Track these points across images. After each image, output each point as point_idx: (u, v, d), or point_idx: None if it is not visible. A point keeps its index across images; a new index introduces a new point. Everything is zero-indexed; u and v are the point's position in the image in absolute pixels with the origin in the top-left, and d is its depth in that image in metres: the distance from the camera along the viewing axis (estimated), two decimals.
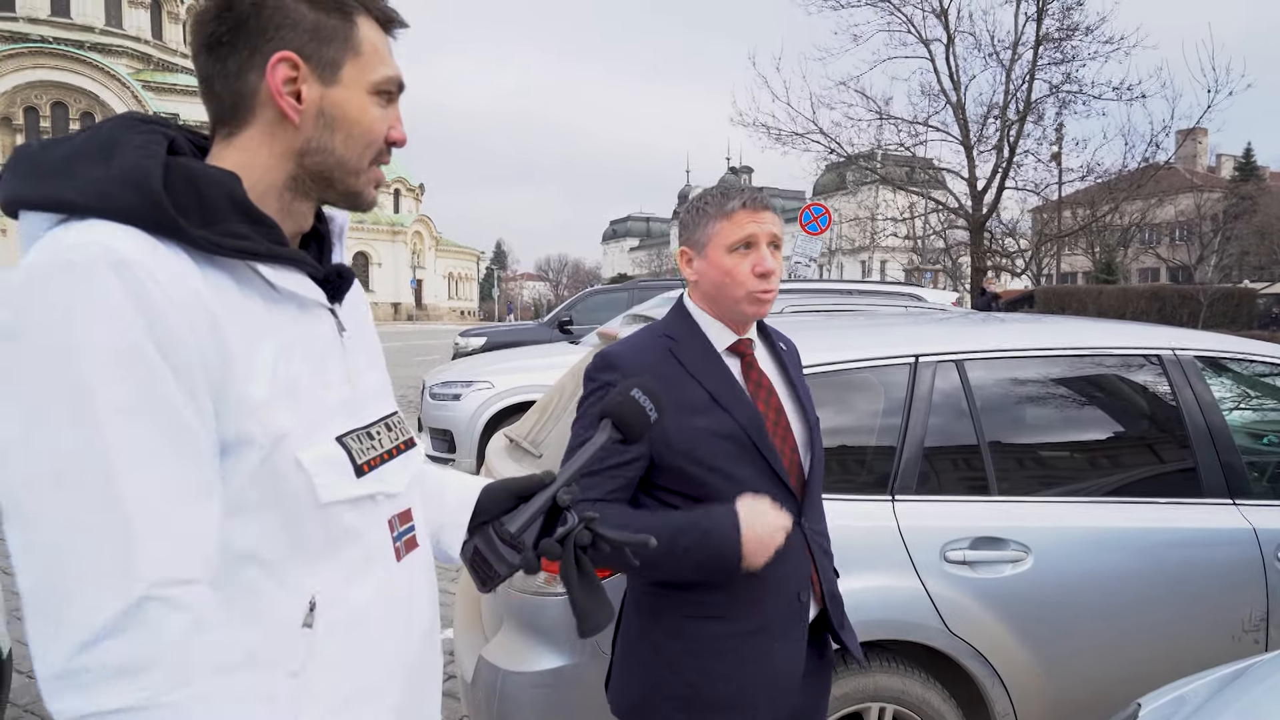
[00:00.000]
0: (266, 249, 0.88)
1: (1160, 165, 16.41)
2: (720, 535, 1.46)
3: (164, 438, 0.78)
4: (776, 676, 1.57)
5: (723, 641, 1.54)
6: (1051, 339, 2.66)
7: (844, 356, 2.41)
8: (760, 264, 1.55)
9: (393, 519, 0.99)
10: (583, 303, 11.16)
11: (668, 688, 1.54)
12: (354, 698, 0.92)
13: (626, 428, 1.09)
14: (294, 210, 0.97)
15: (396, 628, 0.98)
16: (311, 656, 0.89)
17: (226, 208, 0.86)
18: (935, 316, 3.35)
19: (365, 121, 0.96)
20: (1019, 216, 20.49)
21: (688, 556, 1.46)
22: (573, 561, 1.03)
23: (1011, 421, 2.55)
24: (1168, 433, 2.65)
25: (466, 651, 2.36)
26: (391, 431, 1.02)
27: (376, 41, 0.97)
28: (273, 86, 0.91)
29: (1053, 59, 15.73)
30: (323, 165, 0.95)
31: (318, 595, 0.89)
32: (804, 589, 1.60)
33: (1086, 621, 2.32)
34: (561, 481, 1.02)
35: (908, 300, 6.41)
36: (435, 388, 7.10)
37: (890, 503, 2.28)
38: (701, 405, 1.54)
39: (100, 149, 0.84)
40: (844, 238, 25.30)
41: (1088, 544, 2.36)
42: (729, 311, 1.60)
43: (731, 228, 1.56)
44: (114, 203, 0.80)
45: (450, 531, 1.16)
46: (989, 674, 2.25)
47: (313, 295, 0.95)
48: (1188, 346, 2.68)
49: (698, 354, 1.59)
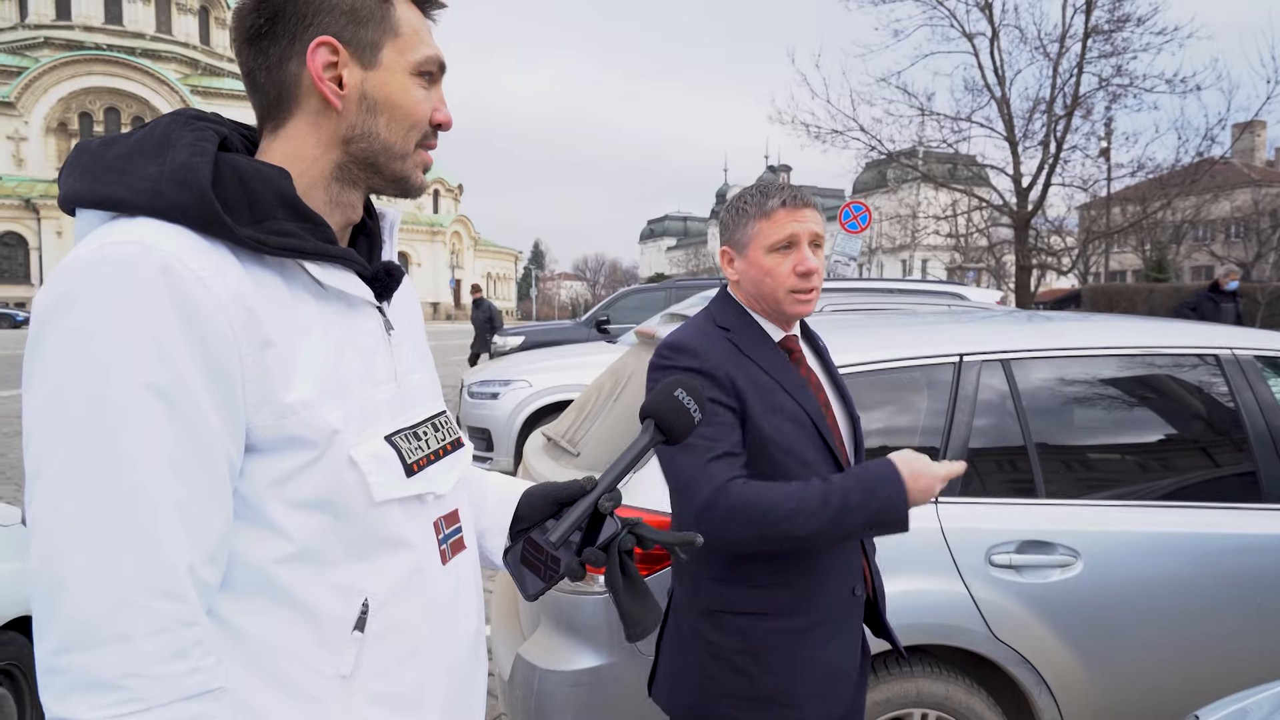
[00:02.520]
0: (314, 247, 0.88)
1: (1215, 160, 15.90)
2: (886, 486, 1.46)
3: (180, 441, 0.77)
4: (834, 672, 1.57)
5: (780, 638, 1.54)
6: (1101, 338, 2.58)
7: (886, 355, 2.37)
8: (802, 263, 1.55)
9: (439, 520, 0.98)
10: (620, 302, 11.17)
11: (726, 686, 1.54)
12: (400, 702, 0.92)
13: (670, 428, 1.07)
14: (342, 200, 0.96)
15: (443, 630, 0.97)
16: (362, 660, 0.88)
17: (275, 204, 0.86)
18: (980, 315, 3.28)
19: (408, 103, 0.94)
20: (1065, 213, 20.05)
21: (858, 512, 1.46)
22: (617, 567, 1.01)
23: (1059, 422, 2.48)
24: (1225, 435, 2.56)
25: (504, 650, 2.37)
26: (439, 431, 1.02)
27: (415, 22, 0.96)
28: (313, 72, 0.90)
29: (1102, 51, 15.32)
30: (368, 151, 0.94)
31: (370, 598, 0.89)
32: (858, 583, 1.61)
33: (1139, 629, 2.24)
34: (603, 487, 1.01)
35: (950, 299, 6.30)
36: (473, 386, 7.16)
37: (934, 504, 2.23)
38: (772, 390, 1.55)
39: (155, 146, 0.84)
40: (884, 236, 24.97)
41: (1141, 549, 2.28)
42: (772, 310, 1.61)
43: (772, 227, 1.56)
44: (164, 201, 0.81)
45: (492, 537, 1.15)
46: (1036, 681, 2.19)
47: (360, 293, 0.94)
48: (1247, 346, 2.59)
49: (757, 344, 1.59)
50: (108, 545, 0.74)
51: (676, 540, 1.04)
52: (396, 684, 0.91)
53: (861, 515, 1.46)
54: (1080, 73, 15.31)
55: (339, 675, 0.87)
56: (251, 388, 0.82)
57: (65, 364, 0.75)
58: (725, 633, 1.56)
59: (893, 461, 1.49)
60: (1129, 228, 19.12)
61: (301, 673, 0.85)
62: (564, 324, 12.06)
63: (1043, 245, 17.47)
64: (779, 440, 1.53)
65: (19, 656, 2.48)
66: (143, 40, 54.65)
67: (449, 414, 1.07)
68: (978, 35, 15.75)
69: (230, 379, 0.80)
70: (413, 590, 0.93)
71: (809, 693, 1.54)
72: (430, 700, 0.95)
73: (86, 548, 0.74)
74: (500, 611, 2.64)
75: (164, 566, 0.76)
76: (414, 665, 0.93)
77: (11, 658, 2.46)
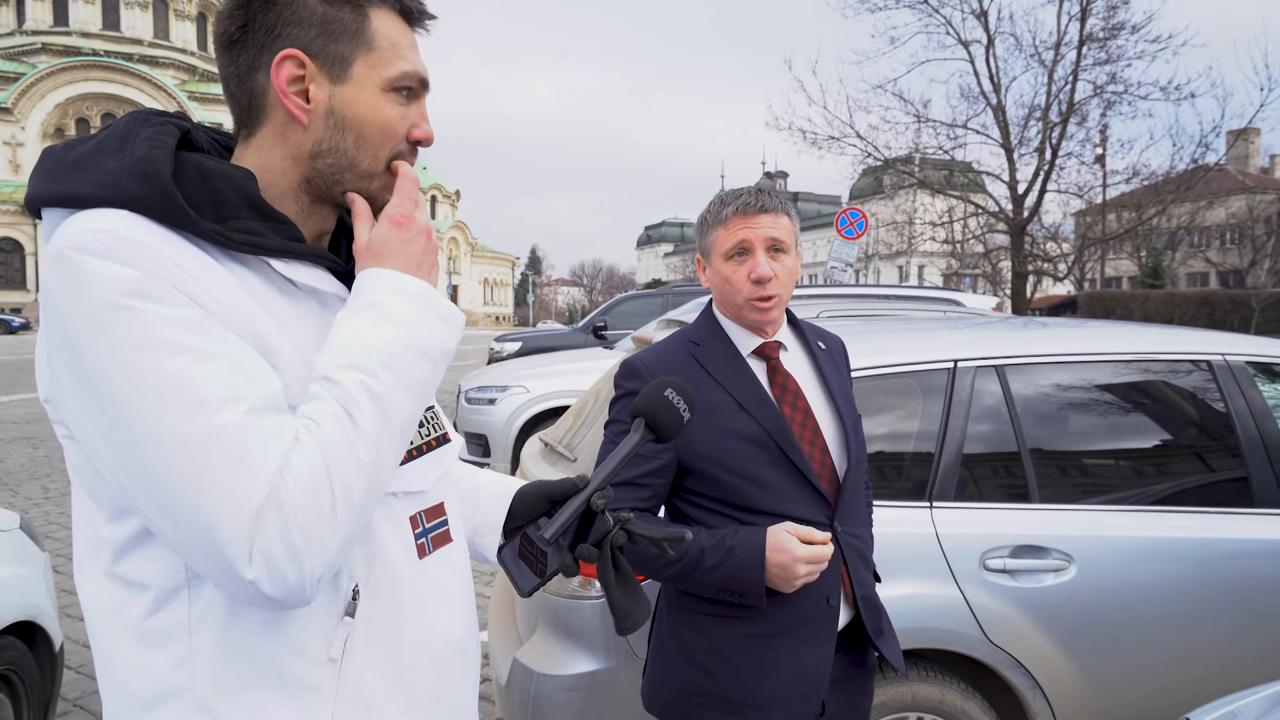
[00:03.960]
0: (279, 245, 0.87)
1: (1210, 166, 16.00)
2: (746, 559, 1.47)
3: (209, 343, 0.77)
4: (804, 677, 1.55)
5: (744, 641, 1.54)
6: (1095, 344, 2.60)
7: (881, 361, 2.38)
8: (755, 270, 1.51)
9: (417, 515, 0.97)
10: (617, 308, 11.19)
11: (698, 686, 1.55)
12: (384, 689, 0.92)
13: (660, 427, 1.08)
14: (314, 212, 0.95)
15: (422, 621, 0.97)
16: (350, 647, 0.88)
17: (239, 204, 0.85)
18: (974, 321, 3.30)
19: (379, 121, 0.92)
20: (1061, 220, 20.12)
21: (711, 574, 1.48)
22: (610, 563, 1.03)
23: (1053, 428, 2.50)
24: (1218, 440, 2.58)
25: (501, 654, 2.37)
26: (423, 427, 1.00)
27: (394, 35, 0.93)
28: (276, 86, 0.88)
29: (1097, 59, 15.45)
30: (335, 167, 0.92)
31: (361, 584, 0.89)
32: (834, 592, 1.58)
33: (1133, 633, 2.26)
34: (595, 485, 1.02)
35: (945, 305, 6.32)
36: (470, 392, 7.17)
37: (928, 509, 2.25)
38: (725, 409, 1.53)
39: (116, 144, 0.84)
40: (881, 242, 25.03)
41: (1134, 553, 2.30)
42: (740, 318, 1.59)
43: (726, 235, 1.54)
44: (124, 194, 0.80)
45: (485, 535, 1.16)
46: (1030, 685, 2.20)
47: (333, 289, 0.93)
48: (1239, 352, 2.61)
49: (721, 358, 1.58)
50: (209, 472, 0.74)
51: (666, 536, 1.05)
52: (380, 673, 0.91)
53: (714, 576, 1.48)
54: (1075, 80, 15.43)
55: (329, 660, 0.87)
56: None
57: (75, 351, 0.77)
58: (694, 632, 1.58)
59: (763, 532, 1.48)
60: (1124, 234, 19.21)
61: (291, 658, 0.85)
62: (561, 329, 12.07)
63: (1038, 251, 17.57)
64: (722, 460, 1.52)
65: (17, 662, 2.47)
66: (140, 46, 54.68)
67: (436, 408, 1.06)
68: (973, 43, 15.88)
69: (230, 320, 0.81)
70: (385, 582, 0.92)
71: (776, 696, 1.54)
72: (414, 690, 0.94)
73: (193, 483, 0.75)
74: (497, 616, 2.65)
75: (256, 469, 0.76)
76: (396, 654, 0.93)
77: (10, 663, 2.45)
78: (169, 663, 0.83)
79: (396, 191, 0.95)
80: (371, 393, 0.82)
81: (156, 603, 0.84)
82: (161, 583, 0.83)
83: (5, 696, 2.48)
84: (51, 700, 2.69)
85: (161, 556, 0.83)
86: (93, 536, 0.86)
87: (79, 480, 0.86)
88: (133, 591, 0.84)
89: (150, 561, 0.83)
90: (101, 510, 0.85)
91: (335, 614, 0.88)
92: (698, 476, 1.55)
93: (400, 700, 0.93)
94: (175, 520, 0.76)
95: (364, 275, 0.90)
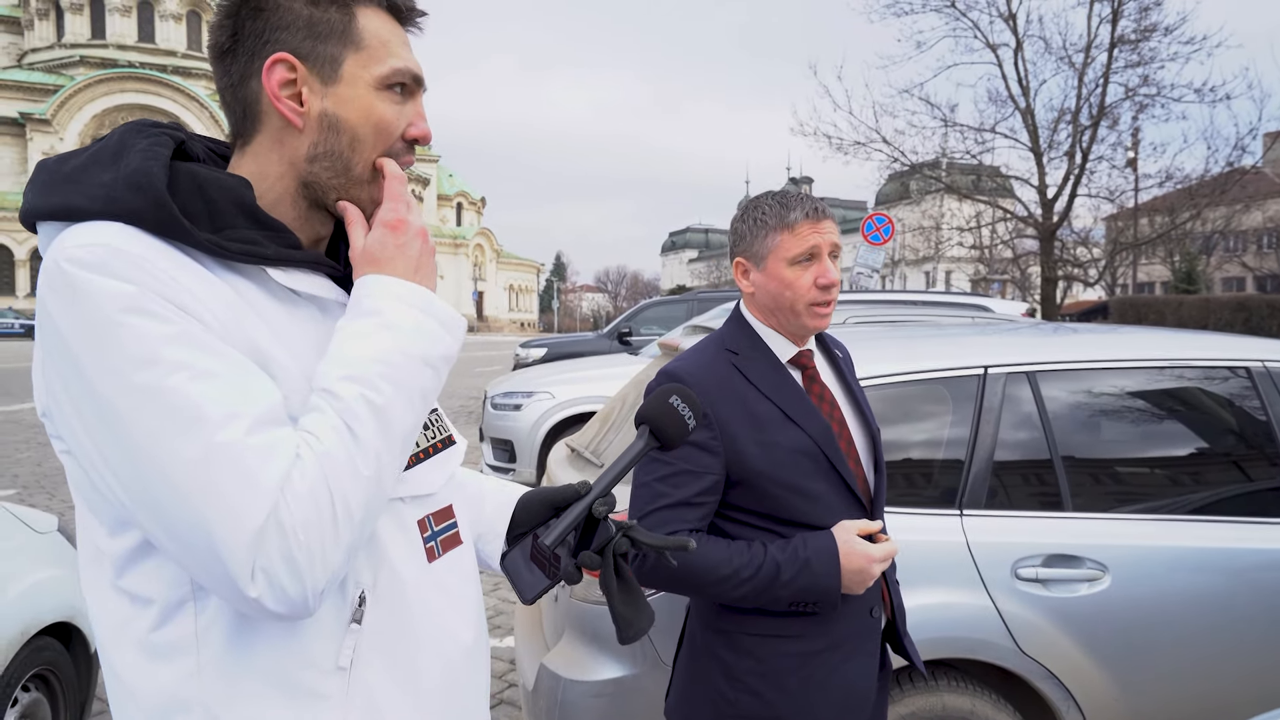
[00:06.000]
0: (275, 253, 0.87)
1: (1246, 169, 15.69)
2: (822, 569, 1.46)
3: (207, 359, 0.77)
4: (850, 693, 1.54)
5: (794, 660, 1.52)
6: (1129, 350, 2.56)
7: (910, 367, 2.36)
8: (824, 275, 1.52)
9: (425, 519, 0.97)
10: (641, 314, 11.21)
11: (740, 707, 1.52)
12: (394, 698, 0.91)
13: (664, 436, 1.08)
14: (311, 218, 0.95)
15: (432, 626, 0.96)
16: (359, 654, 0.88)
17: (234, 213, 0.85)
18: (1004, 327, 3.26)
19: (372, 120, 0.91)
20: (1092, 225, 19.81)
21: (787, 588, 1.47)
22: (612, 570, 1.02)
23: (1086, 435, 2.46)
24: (1257, 449, 2.52)
25: (528, 660, 2.38)
26: (428, 430, 1.00)
27: (383, 33, 0.92)
28: (269, 91, 0.89)
29: (1129, 61, 15.20)
30: (331, 171, 0.92)
31: (367, 590, 0.89)
32: (876, 604, 1.58)
33: (1169, 644, 2.21)
34: (597, 492, 1.01)
35: (974, 311, 6.25)
36: (496, 398, 7.20)
37: (958, 517, 2.22)
38: (772, 421, 1.52)
39: (110, 155, 0.84)
40: (907, 248, 24.81)
41: (1171, 563, 2.25)
42: (788, 324, 1.57)
43: (794, 240, 1.53)
44: (119, 206, 0.80)
45: (489, 542, 1.15)
46: (1063, 697, 2.16)
47: (332, 296, 0.93)
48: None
49: (764, 368, 1.56)
50: (211, 491, 0.74)
51: (669, 545, 1.04)
52: (389, 679, 0.91)
53: (791, 589, 1.47)
54: (1106, 83, 15.19)
55: (338, 668, 0.87)
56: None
57: (71, 366, 0.77)
58: (739, 653, 1.53)
59: (831, 537, 1.49)
60: (1157, 239, 18.87)
61: (300, 668, 0.85)
62: (586, 336, 12.11)
63: (1069, 257, 17.30)
64: (773, 474, 1.50)
65: (55, 662, 2.52)
66: (174, 58, 55.78)
67: (441, 412, 1.06)
68: (1001, 46, 15.70)
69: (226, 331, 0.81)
70: (393, 587, 0.92)
71: (826, 715, 1.52)
72: (425, 695, 0.94)
73: (195, 501, 0.75)
74: (524, 622, 2.65)
75: (255, 480, 0.76)
76: (405, 659, 0.92)
77: (48, 663, 2.50)
78: (177, 676, 0.83)
79: (386, 194, 0.94)
80: (372, 405, 0.82)
81: (162, 616, 0.84)
82: (166, 597, 0.83)
83: (43, 696, 2.53)
84: (87, 700, 2.73)
85: (164, 570, 0.83)
86: (94, 549, 0.87)
87: (78, 493, 0.86)
88: (137, 606, 0.84)
89: (154, 576, 0.83)
90: (101, 524, 0.85)
91: (343, 622, 0.87)
92: (742, 489, 1.52)
93: (411, 705, 0.92)
94: (177, 538, 0.76)
95: (362, 282, 0.91)
